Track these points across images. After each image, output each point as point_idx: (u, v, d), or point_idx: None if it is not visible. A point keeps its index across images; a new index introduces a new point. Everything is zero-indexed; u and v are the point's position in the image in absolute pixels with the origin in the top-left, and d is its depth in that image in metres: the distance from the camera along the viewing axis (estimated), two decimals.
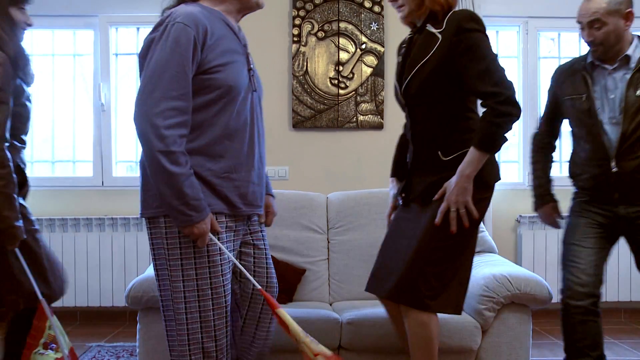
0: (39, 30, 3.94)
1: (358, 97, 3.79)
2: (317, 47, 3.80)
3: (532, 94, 3.92)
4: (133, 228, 3.72)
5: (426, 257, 1.89)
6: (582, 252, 2.20)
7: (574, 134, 2.40)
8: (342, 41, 3.80)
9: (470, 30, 1.85)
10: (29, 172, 2.13)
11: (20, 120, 1.99)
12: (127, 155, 3.99)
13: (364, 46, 3.80)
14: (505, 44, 4.04)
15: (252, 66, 1.93)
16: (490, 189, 1.98)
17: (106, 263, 3.66)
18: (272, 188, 2.13)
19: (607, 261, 2.28)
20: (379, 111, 3.78)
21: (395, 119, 3.80)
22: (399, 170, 2.21)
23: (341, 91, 3.80)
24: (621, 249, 3.72)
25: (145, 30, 3.95)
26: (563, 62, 3.72)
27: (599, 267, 2.19)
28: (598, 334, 2.14)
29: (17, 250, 1.94)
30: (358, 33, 3.80)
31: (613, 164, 2.18)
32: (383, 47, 3.79)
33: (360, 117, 3.79)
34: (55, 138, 3.90)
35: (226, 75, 1.77)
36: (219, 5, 1.88)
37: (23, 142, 2.08)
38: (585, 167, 2.28)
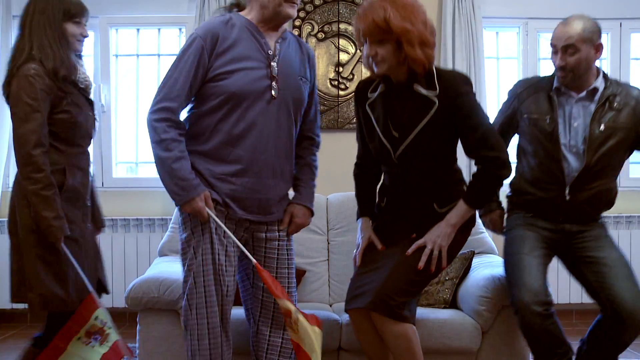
0: None
1: None
2: (317, 48, 3.80)
3: None
4: (133, 229, 3.72)
5: (402, 277, 1.96)
6: (533, 262, 2.21)
7: (524, 152, 2.37)
8: (342, 42, 3.81)
9: (467, 93, 1.94)
10: None
11: (64, 126, 2.08)
12: (127, 157, 3.99)
13: None
14: (505, 45, 4.04)
15: (275, 74, 1.94)
16: (469, 233, 2.11)
17: (106, 264, 3.63)
18: (307, 199, 2.12)
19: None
20: None
21: None
22: (368, 209, 2.25)
23: (341, 92, 3.81)
24: (626, 248, 3.73)
25: (145, 31, 3.98)
26: None
27: (545, 278, 2.22)
28: (558, 332, 2.16)
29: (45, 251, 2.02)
30: None
31: (567, 191, 2.22)
32: None
33: None
34: None
35: (231, 82, 1.87)
36: (250, 13, 1.98)
37: (80, 146, 2.17)
38: (536, 188, 2.29)
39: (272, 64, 1.94)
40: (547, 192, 2.26)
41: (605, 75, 2.30)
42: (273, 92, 1.92)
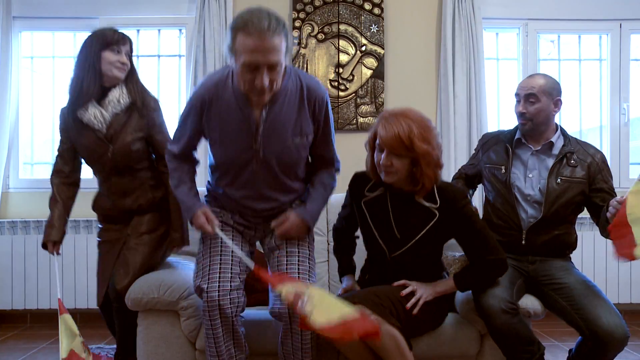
0: (39, 33, 3.95)
1: (358, 99, 3.80)
2: (317, 49, 3.81)
3: None
4: None
5: (391, 296, 2.10)
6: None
7: (487, 199, 2.55)
8: (342, 43, 3.81)
9: (466, 205, 2.11)
10: (29, 174, 2.16)
11: (83, 152, 2.45)
12: None
13: (364, 48, 3.80)
14: (505, 46, 4.05)
15: (258, 145, 2.04)
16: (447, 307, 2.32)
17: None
18: (307, 212, 2.19)
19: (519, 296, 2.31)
20: (379, 113, 3.79)
21: None
22: (350, 267, 2.43)
23: (341, 93, 3.81)
24: None
25: (146, 33, 3.98)
26: (563, 64, 3.72)
27: (512, 291, 2.25)
28: (527, 330, 2.18)
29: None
30: (358, 35, 3.81)
31: (524, 236, 2.39)
32: (383, 49, 3.80)
33: (360, 119, 3.80)
34: (56, 140, 3.88)
35: (218, 152, 2.11)
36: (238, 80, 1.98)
37: (98, 172, 2.51)
38: (497, 232, 2.40)
39: (257, 135, 2.03)
40: (505, 236, 2.41)
41: (564, 132, 2.47)
42: (256, 161, 2.06)
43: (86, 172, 2.43)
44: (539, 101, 2.37)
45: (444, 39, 3.75)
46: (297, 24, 3.78)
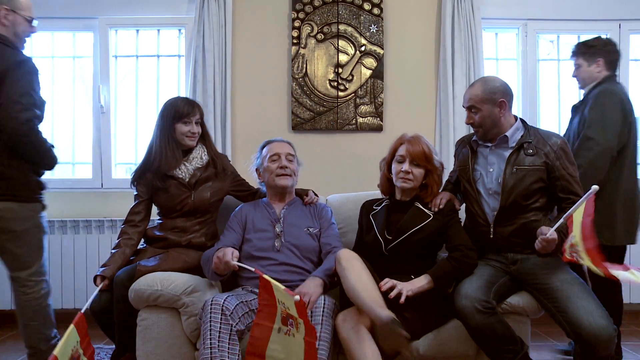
0: (38, 33, 3.93)
1: (357, 99, 3.80)
2: (316, 49, 3.80)
3: (532, 97, 3.93)
4: None
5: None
6: (474, 277, 2.33)
7: (465, 204, 2.61)
8: (342, 43, 3.81)
9: (454, 215, 2.51)
10: None
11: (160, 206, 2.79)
12: (127, 157, 3.99)
13: (363, 48, 3.80)
14: (504, 46, 4.05)
15: (279, 233, 2.59)
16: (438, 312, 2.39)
17: None
18: (319, 271, 2.42)
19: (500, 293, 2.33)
20: (379, 113, 3.79)
21: (395, 121, 3.80)
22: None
23: (340, 93, 3.81)
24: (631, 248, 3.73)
25: (145, 33, 3.98)
26: (562, 64, 3.72)
27: (489, 290, 2.26)
28: (506, 329, 2.18)
29: None
30: (357, 35, 3.81)
31: (491, 230, 2.43)
32: (382, 49, 3.80)
33: (360, 119, 3.80)
34: (55, 140, 3.89)
35: (249, 247, 2.57)
36: (268, 194, 2.76)
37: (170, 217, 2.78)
38: (471, 233, 2.50)
39: (277, 226, 2.61)
40: (477, 233, 2.49)
41: (525, 124, 2.51)
42: (277, 245, 2.55)
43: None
44: (480, 110, 2.44)
45: (443, 39, 3.75)
46: (297, 24, 3.78)
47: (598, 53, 2.96)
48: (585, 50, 3.00)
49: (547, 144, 2.41)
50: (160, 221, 2.77)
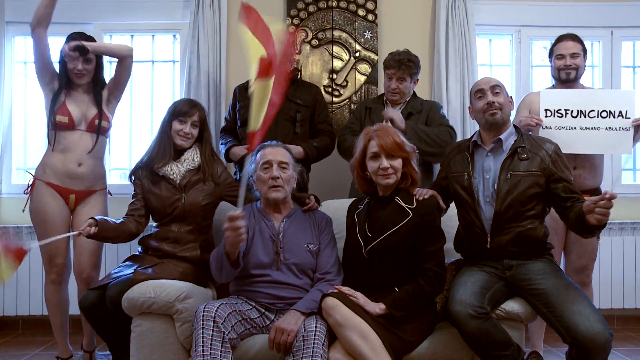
0: None
1: (352, 105, 3.80)
2: (311, 55, 3.81)
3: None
4: None
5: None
6: (468, 281, 2.32)
7: (458, 209, 2.57)
8: (336, 49, 3.82)
9: (436, 216, 2.37)
10: (22, 180, 2.14)
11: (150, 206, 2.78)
12: (121, 163, 3.98)
13: (357, 54, 3.82)
14: (498, 52, 4.07)
15: (279, 248, 2.45)
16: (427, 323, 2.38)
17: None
18: (301, 305, 2.32)
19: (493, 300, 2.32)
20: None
21: None
22: None
23: (335, 99, 3.82)
24: (613, 256, 3.75)
25: (139, 38, 3.98)
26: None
27: (483, 295, 2.26)
28: (501, 334, 2.18)
29: None
30: (352, 41, 3.82)
31: (488, 239, 2.40)
32: (377, 55, 3.81)
33: None
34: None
35: (250, 258, 2.42)
36: (262, 202, 2.58)
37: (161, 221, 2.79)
38: (466, 242, 2.50)
39: (277, 241, 2.46)
40: (474, 243, 2.45)
41: (518, 131, 2.52)
42: (278, 262, 2.43)
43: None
44: (501, 94, 2.48)
45: (437, 46, 3.77)
46: (291, 30, 3.79)
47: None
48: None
49: (541, 148, 2.42)
50: (156, 229, 2.76)
